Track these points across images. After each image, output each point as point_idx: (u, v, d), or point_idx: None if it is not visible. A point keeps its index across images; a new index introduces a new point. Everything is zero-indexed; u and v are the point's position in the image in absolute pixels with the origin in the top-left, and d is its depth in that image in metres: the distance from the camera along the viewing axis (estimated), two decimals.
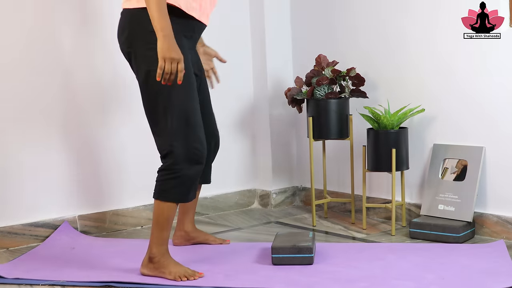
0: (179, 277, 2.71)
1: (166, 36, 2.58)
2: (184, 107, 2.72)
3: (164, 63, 2.58)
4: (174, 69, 2.59)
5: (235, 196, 3.98)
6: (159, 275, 2.74)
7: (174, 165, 2.72)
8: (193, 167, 2.74)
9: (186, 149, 2.72)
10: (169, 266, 2.74)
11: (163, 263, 2.74)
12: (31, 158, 3.34)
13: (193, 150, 2.73)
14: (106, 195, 3.56)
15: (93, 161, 3.52)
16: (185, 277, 2.71)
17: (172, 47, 2.58)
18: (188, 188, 2.75)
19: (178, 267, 2.74)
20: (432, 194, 3.34)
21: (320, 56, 3.58)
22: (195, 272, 2.74)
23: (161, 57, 2.58)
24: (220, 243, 3.18)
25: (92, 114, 3.51)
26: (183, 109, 2.71)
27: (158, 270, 2.74)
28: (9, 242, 3.28)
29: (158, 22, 2.58)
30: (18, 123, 3.31)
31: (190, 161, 2.72)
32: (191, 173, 2.73)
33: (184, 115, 2.72)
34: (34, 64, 3.34)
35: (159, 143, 2.77)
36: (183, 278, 2.70)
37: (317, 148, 3.87)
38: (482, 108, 3.25)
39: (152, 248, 2.76)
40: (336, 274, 2.71)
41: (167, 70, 2.58)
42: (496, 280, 2.57)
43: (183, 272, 2.72)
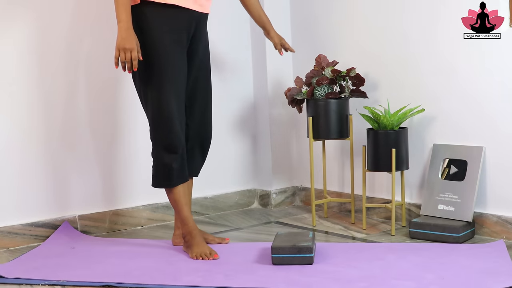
0: (195, 256, 2.96)
1: (122, 27, 2.85)
2: (157, 98, 2.95)
3: (119, 52, 2.85)
4: (128, 58, 2.86)
5: (235, 196, 3.98)
6: (186, 252, 3.04)
7: (154, 153, 3.03)
8: (167, 155, 2.99)
9: (160, 138, 2.98)
10: (193, 246, 3.01)
11: (190, 242, 3.03)
12: (31, 158, 3.34)
13: (165, 139, 2.98)
14: (106, 195, 3.56)
15: (93, 161, 3.52)
16: (201, 257, 2.95)
17: (126, 37, 2.84)
18: (166, 175, 3.01)
19: (198, 247, 3.00)
20: (432, 194, 3.34)
21: (320, 56, 3.58)
22: (212, 252, 2.97)
23: (116, 47, 2.86)
24: (219, 243, 3.20)
25: (92, 115, 3.51)
26: (156, 100, 2.96)
27: (187, 248, 3.04)
28: (9, 242, 3.28)
29: (117, 14, 2.85)
30: (19, 123, 3.31)
31: (164, 149, 2.99)
32: (165, 161, 2.99)
33: (157, 106, 2.96)
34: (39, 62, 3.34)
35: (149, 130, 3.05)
36: (199, 258, 2.95)
37: (317, 148, 3.87)
38: (482, 108, 3.25)
39: (182, 227, 3.08)
40: (336, 274, 2.71)
41: (121, 59, 2.86)
42: (496, 280, 2.57)
43: (201, 251, 2.97)
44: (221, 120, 3.88)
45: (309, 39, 3.94)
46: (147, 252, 3.09)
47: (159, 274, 2.78)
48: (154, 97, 2.95)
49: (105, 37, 3.49)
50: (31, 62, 3.33)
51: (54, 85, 3.39)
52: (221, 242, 3.21)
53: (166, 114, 2.95)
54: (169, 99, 2.95)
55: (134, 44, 2.85)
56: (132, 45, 2.84)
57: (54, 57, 3.39)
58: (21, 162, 3.32)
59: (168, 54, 2.94)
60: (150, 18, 2.92)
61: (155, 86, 2.95)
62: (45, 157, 3.38)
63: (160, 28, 2.92)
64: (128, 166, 3.61)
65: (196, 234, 3.04)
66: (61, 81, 3.41)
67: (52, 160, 3.40)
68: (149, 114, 3.00)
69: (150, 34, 2.92)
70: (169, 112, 2.95)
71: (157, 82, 2.94)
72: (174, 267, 2.87)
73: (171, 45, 2.95)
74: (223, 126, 3.90)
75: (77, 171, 3.47)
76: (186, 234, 3.05)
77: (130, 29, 2.85)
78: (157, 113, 2.96)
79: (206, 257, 2.94)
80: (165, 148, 2.98)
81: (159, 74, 2.93)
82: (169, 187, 3.03)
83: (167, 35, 2.94)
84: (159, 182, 3.04)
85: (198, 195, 3.79)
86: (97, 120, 3.52)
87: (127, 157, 3.61)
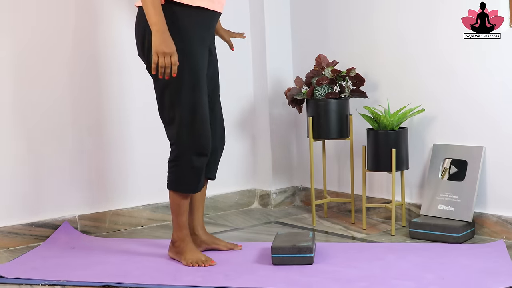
0: (191, 264, 2.85)
1: (158, 31, 2.69)
2: (191, 100, 2.81)
3: (158, 57, 2.69)
4: (168, 63, 2.70)
5: (235, 196, 3.98)
6: (178, 260, 2.92)
7: (179, 156, 2.85)
8: (198, 158, 2.85)
9: (191, 141, 2.83)
10: (185, 252, 2.90)
11: (182, 249, 2.92)
12: (32, 158, 3.34)
13: (198, 142, 2.83)
14: (106, 195, 3.56)
15: (94, 161, 3.52)
16: (196, 264, 2.84)
17: (164, 41, 2.69)
18: (194, 179, 2.87)
19: (192, 254, 2.89)
20: (432, 194, 3.34)
21: (320, 56, 3.58)
22: (208, 259, 2.87)
23: (154, 52, 2.69)
24: (231, 249, 3.09)
25: (93, 115, 3.51)
26: (190, 102, 2.81)
27: (178, 254, 2.93)
28: (9, 242, 3.28)
29: (151, 18, 2.70)
30: (19, 123, 3.31)
31: (194, 152, 2.84)
32: (195, 164, 2.85)
33: (191, 108, 2.81)
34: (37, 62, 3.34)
35: (168, 134, 2.89)
36: (195, 265, 2.84)
37: (317, 148, 3.87)
38: (482, 108, 3.25)
39: (173, 234, 2.94)
40: (336, 274, 2.71)
41: (160, 64, 2.69)
42: (496, 280, 2.57)
43: (196, 259, 2.86)
44: None
45: (309, 39, 3.94)
46: (147, 252, 3.09)
47: (159, 274, 2.79)
48: (186, 100, 2.80)
49: (99, 37, 3.49)
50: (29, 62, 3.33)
51: (54, 85, 3.39)
52: (233, 248, 3.09)
53: (200, 116, 2.82)
54: (201, 101, 2.83)
55: (174, 48, 2.69)
56: (172, 49, 2.69)
57: (54, 57, 3.39)
58: (21, 162, 3.32)
59: (197, 55, 2.82)
60: (181, 19, 2.78)
61: (187, 88, 2.80)
62: (45, 157, 3.38)
63: (188, 29, 2.80)
64: (128, 166, 3.61)
65: (189, 241, 2.93)
66: (61, 81, 3.41)
67: (52, 160, 3.40)
68: (176, 117, 2.82)
69: (179, 35, 2.77)
70: (202, 115, 2.83)
71: (189, 84, 2.80)
72: (174, 267, 2.87)
73: (200, 46, 2.83)
74: None
75: (77, 171, 3.47)
76: (177, 240, 2.92)
77: (167, 32, 2.69)
78: (190, 116, 2.81)
79: (202, 264, 2.84)
80: (196, 152, 2.83)
81: (191, 76, 2.80)
82: (194, 192, 2.89)
83: (195, 36, 2.81)
84: (182, 187, 2.86)
85: None
86: (97, 121, 3.52)
87: (127, 157, 3.61)
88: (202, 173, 2.88)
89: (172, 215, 2.94)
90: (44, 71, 3.37)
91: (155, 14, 2.69)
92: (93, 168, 3.52)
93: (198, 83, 2.82)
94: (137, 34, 2.88)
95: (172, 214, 2.93)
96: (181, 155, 2.84)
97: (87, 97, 3.49)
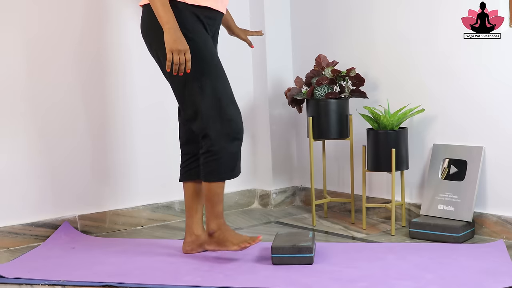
0: (243, 246, 2.86)
1: (170, 28, 2.72)
2: (213, 86, 2.83)
3: (172, 55, 2.72)
4: (182, 60, 2.74)
5: (235, 196, 3.98)
6: (223, 249, 2.92)
7: (212, 146, 2.85)
8: (231, 144, 2.86)
9: (222, 127, 2.84)
10: (229, 239, 2.90)
11: (223, 237, 2.91)
12: (32, 158, 3.34)
13: (229, 127, 2.84)
14: (106, 195, 3.56)
15: (94, 161, 3.52)
16: (248, 243, 2.85)
17: (177, 39, 2.72)
18: (232, 165, 2.89)
19: (238, 237, 2.90)
20: (432, 194, 3.34)
21: (320, 56, 3.58)
22: (253, 237, 2.87)
23: (168, 50, 2.72)
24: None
25: (93, 115, 3.51)
26: (212, 89, 2.83)
27: (221, 244, 2.92)
28: (9, 242, 3.28)
29: (162, 17, 2.73)
30: (19, 123, 3.31)
31: (228, 138, 2.85)
32: (231, 150, 2.87)
33: (214, 94, 2.83)
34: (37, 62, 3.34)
35: (195, 127, 2.88)
36: (246, 245, 2.85)
37: (317, 148, 3.87)
38: (482, 108, 3.25)
39: (210, 224, 2.93)
40: (336, 274, 2.71)
41: (175, 61, 2.73)
42: (496, 280, 2.57)
43: (243, 240, 2.87)
44: None
45: (309, 39, 3.94)
46: (147, 252, 3.09)
47: (159, 274, 2.79)
48: (212, 87, 2.83)
49: (106, 36, 3.49)
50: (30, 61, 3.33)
51: (53, 86, 3.39)
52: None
53: (224, 99, 2.84)
54: (228, 86, 2.88)
55: (187, 45, 2.74)
56: (185, 46, 2.73)
57: (55, 56, 3.39)
58: (21, 162, 3.32)
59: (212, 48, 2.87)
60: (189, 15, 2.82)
61: (211, 76, 2.84)
62: (45, 157, 3.38)
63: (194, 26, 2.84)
64: (128, 166, 3.61)
65: (227, 228, 2.94)
66: (61, 80, 3.41)
67: (52, 160, 3.40)
68: (202, 109, 2.83)
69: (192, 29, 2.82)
70: (227, 97, 2.85)
71: (213, 72, 2.84)
72: (174, 267, 2.87)
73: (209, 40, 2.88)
74: None
75: (77, 171, 3.47)
76: (216, 229, 2.92)
77: (179, 30, 2.74)
78: (215, 101, 2.83)
79: (253, 242, 2.83)
80: (229, 136, 2.85)
81: (212, 64, 2.85)
82: (233, 177, 2.91)
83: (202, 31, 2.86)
84: (220, 176, 2.89)
85: None
86: (97, 121, 3.52)
87: (127, 157, 3.61)
88: (238, 158, 2.89)
89: (208, 206, 2.92)
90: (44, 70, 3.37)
91: (165, 13, 2.73)
92: (93, 168, 3.52)
93: (220, 70, 2.86)
94: (144, 33, 2.91)
95: (209, 204, 2.92)
96: (215, 144, 2.85)
97: (87, 97, 3.49)
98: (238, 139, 2.88)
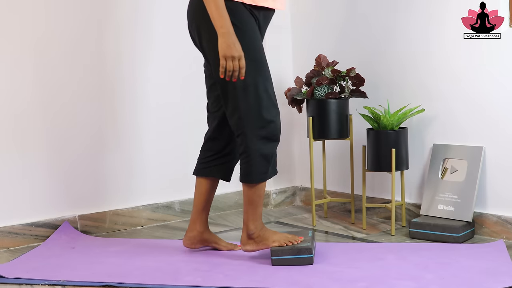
0: (284, 243, 2.84)
1: (225, 33, 2.66)
2: (256, 87, 2.78)
3: (225, 61, 2.66)
4: (236, 67, 2.68)
5: (235, 196, 3.98)
6: (264, 247, 2.89)
7: (249, 147, 2.81)
8: (268, 144, 2.82)
9: (259, 128, 2.80)
10: (270, 237, 2.87)
11: (263, 236, 2.88)
12: (32, 157, 3.34)
13: (266, 128, 2.80)
14: (106, 195, 3.56)
15: (94, 161, 3.51)
16: (289, 242, 2.85)
17: (232, 45, 2.66)
18: (267, 166, 2.84)
19: (279, 235, 2.88)
20: (432, 194, 3.34)
21: (320, 56, 3.58)
22: (294, 236, 2.88)
23: (221, 56, 2.66)
24: (231, 249, 3.08)
25: (93, 115, 3.50)
26: (255, 89, 2.78)
27: (261, 243, 2.89)
28: (9, 242, 3.28)
29: (217, 20, 2.66)
30: (19, 123, 3.31)
31: (263, 139, 2.81)
32: (267, 152, 2.82)
33: (256, 95, 2.78)
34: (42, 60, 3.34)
35: (233, 123, 2.85)
36: (288, 243, 2.84)
37: (317, 148, 3.87)
38: (482, 108, 3.25)
39: (249, 226, 2.88)
40: (336, 274, 2.71)
41: (228, 68, 2.67)
42: (496, 280, 2.57)
43: (284, 238, 2.86)
44: None
45: (309, 39, 3.94)
46: (147, 252, 3.09)
47: (159, 274, 2.79)
48: (255, 86, 2.78)
49: (107, 38, 3.49)
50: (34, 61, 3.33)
51: (54, 85, 3.39)
52: (233, 249, 3.08)
53: (266, 100, 2.80)
54: (270, 86, 2.83)
55: (241, 51, 2.67)
56: (240, 52, 2.67)
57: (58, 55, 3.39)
58: (21, 162, 3.32)
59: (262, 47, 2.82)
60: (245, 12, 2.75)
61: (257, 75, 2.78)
62: (45, 157, 3.38)
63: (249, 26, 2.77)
64: (128, 166, 3.61)
65: (266, 228, 2.91)
66: (62, 80, 3.41)
67: (52, 160, 3.40)
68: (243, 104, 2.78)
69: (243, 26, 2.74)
70: (268, 98, 2.81)
71: (259, 70, 2.78)
72: (174, 267, 2.87)
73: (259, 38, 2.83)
74: None
75: (77, 171, 3.47)
76: (255, 230, 2.88)
77: (234, 34, 2.67)
78: (256, 101, 2.78)
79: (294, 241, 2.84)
80: (265, 138, 2.81)
81: (260, 62, 2.79)
82: (269, 178, 2.86)
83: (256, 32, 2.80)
84: (256, 177, 2.83)
85: None
86: (97, 120, 3.52)
87: (127, 157, 3.61)
88: (273, 159, 2.85)
89: (248, 207, 2.87)
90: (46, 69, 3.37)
91: (220, 16, 2.66)
92: (93, 168, 3.52)
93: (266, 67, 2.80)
94: (192, 27, 2.83)
95: (249, 206, 2.87)
96: (250, 145, 2.81)
97: (88, 98, 3.49)
98: (274, 140, 2.84)
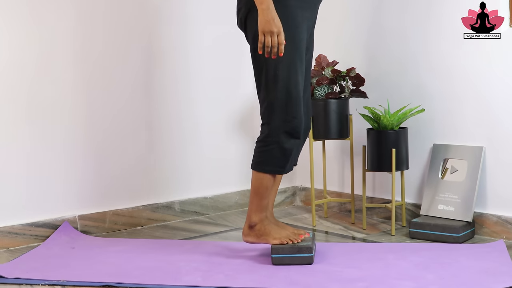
0: (285, 241, 2.82)
1: (265, 9, 2.66)
2: (287, 80, 2.78)
3: (264, 36, 2.66)
4: (274, 42, 2.67)
5: (235, 196, 3.98)
6: (263, 242, 2.87)
7: (269, 137, 2.81)
8: (288, 140, 2.81)
9: (283, 122, 2.79)
10: (272, 232, 2.86)
11: (265, 230, 2.87)
12: (31, 158, 3.34)
13: (290, 123, 2.80)
14: (106, 195, 3.56)
15: (93, 161, 3.51)
16: (290, 240, 2.82)
17: (271, 20, 2.65)
18: (282, 161, 2.83)
19: (281, 231, 2.86)
20: (432, 194, 3.34)
21: (320, 56, 3.58)
22: (300, 231, 2.86)
23: (260, 31, 2.67)
24: None
25: (93, 115, 3.50)
26: (286, 82, 2.78)
27: (262, 237, 2.87)
28: (9, 242, 3.28)
29: None
30: (19, 123, 3.31)
31: (286, 134, 2.80)
32: (286, 146, 2.81)
33: (286, 88, 2.78)
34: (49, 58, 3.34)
35: (261, 112, 2.86)
36: (289, 241, 2.82)
37: (317, 148, 3.87)
38: (482, 108, 3.25)
39: (252, 216, 2.87)
40: (336, 274, 2.71)
41: (267, 43, 2.67)
42: (496, 280, 2.57)
43: (286, 235, 2.84)
44: (221, 120, 3.88)
45: None
46: (147, 252, 3.09)
47: (159, 274, 2.79)
48: (283, 80, 2.77)
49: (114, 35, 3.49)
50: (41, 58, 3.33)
51: (57, 85, 3.39)
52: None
53: (295, 96, 2.78)
54: (298, 80, 2.79)
55: (281, 27, 2.66)
56: (279, 27, 2.65)
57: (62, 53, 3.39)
58: (21, 162, 3.32)
59: (301, 33, 2.79)
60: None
61: (286, 68, 2.76)
62: (45, 157, 3.38)
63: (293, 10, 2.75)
64: (128, 166, 3.61)
65: (269, 222, 2.89)
66: (64, 80, 3.41)
67: (52, 160, 3.40)
68: (271, 96, 2.79)
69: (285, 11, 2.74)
70: (297, 94, 2.78)
71: (288, 65, 2.76)
72: (174, 267, 2.87)
73: (303, 28, 2.80)
74: (223, 126, 3.90)
75: (77, 171, 3.47)
76: (258, 222, 2.87)
77: (274, 10, 2.66)
78: (285, 96, 2.78)
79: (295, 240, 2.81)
80: (287, 132, 2.80)
81: (291, 56, 2.77)
82: (281, 173, 2.84)
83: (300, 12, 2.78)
84: (269, 167, 2.82)
85: (198, 195, 3.79)
86: (97, 120, 3.52)
87: (127, 157, 3.61)
88: (291, 155, 2.84)
89: (253, 197, 2.87)
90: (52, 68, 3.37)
91: None
92: (93, 168, 3.52)
93: (296, 63, 2.78)
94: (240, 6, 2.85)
95: (254, 195, 2.86)
96: (272, 135, 2.81)
97: (88, 98, 3.49)
98: (296, 137, 2.83)
